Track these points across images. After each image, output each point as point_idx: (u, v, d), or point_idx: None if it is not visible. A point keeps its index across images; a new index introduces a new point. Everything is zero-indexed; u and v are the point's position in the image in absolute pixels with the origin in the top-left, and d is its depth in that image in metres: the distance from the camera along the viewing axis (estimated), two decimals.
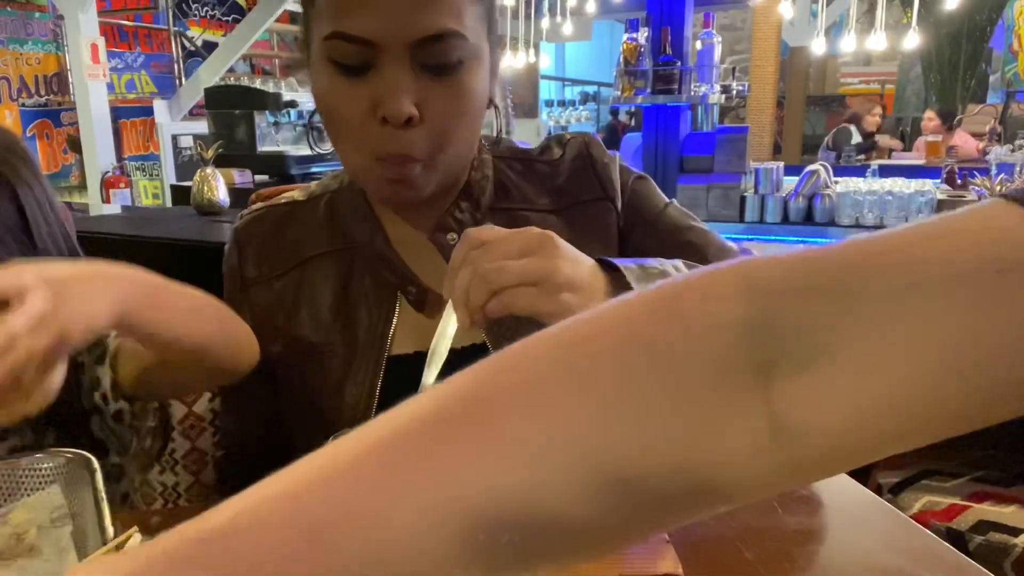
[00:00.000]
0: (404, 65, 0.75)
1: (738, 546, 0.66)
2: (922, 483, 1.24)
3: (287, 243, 0.94)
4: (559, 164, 0.96)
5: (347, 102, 0.77)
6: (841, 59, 10.34)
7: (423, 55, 0.75)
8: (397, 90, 0.74)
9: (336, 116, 0.80)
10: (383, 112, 0.75)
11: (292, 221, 0.95)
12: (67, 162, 6.44)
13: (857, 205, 3.74)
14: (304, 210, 0.96)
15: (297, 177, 3.54)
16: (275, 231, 0.95)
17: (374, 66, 0.75)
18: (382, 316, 0.89)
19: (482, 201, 0.92)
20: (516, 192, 0.94)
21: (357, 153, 0.81)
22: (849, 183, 3.89)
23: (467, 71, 0.78)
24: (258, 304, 0.93)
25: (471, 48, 0.78)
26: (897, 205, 3.68)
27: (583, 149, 0.97)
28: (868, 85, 10.65)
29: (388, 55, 0.74)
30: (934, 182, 3.95)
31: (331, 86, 0.78)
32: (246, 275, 0.93)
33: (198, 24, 6.96)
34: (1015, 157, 4.95)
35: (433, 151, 0.79)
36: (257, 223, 0.96)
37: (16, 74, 6.10)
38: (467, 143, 0.85)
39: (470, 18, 0.77)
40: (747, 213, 3.94)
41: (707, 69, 3.55)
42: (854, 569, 0.62)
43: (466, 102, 0.80)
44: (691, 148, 4.00)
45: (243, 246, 0.95)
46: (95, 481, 0.66)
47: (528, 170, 0.96)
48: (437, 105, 0.77)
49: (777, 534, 0.67)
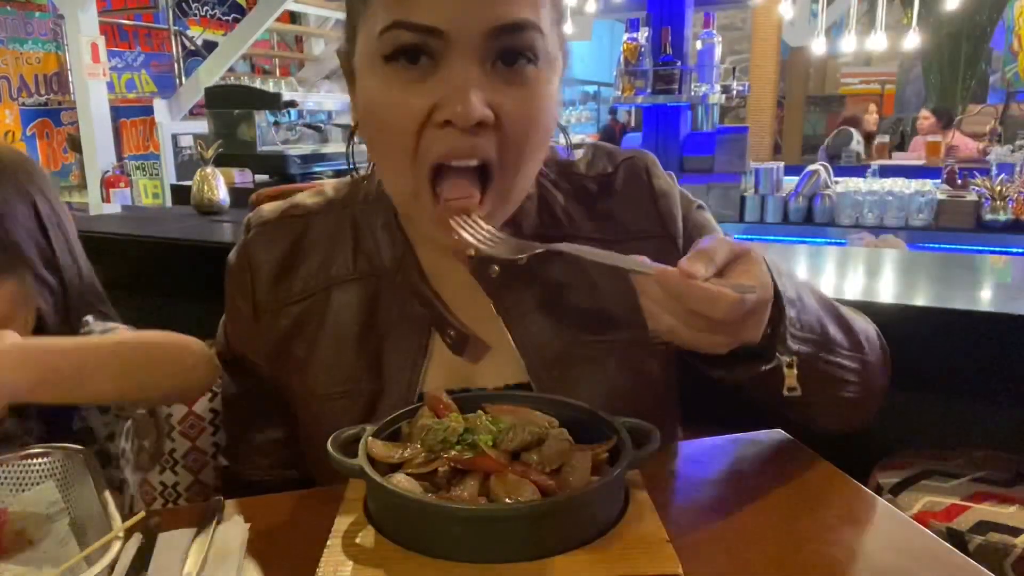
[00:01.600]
0: (474, 60, 0.65)
1: (738, 546, 0.66)
2: (922, 483, 1.24)
3: (305, 265, 0.85)
4: (610, 183, 0.86)
5: (401, 107, 0.67)
6: (841, 59, 10.34)
7: (496, 48, 0.66)
8: (465, 87, 0.64)
9: (384, 121, 0.69)
10: (447, 114, 0.65)
11: (310, 240, 0.86)
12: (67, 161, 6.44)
13: (857, 205, 3.74)
14: (323, 224, 0.86)
15: (297, 177, 3.54)
16: (291, 251, 0.85)
17: (438, 62, 0.66)
18: (412, 355, 0.80)
19: (525, 226, 0.81)
20: (564, 217, 0.84)
21: (408, 167, 0.70)
22: (849, 183, 3.89)
23: (541, 76, 0.69)
24: (273, 330, 0.85)
25: (546, 50, 0.69)
26: (897, 205, 3.68)
27: (642, 175, 0.87)
28: (868, 85, 10.65)
29: (457, 48, 0.65)
30: (934, 182, 3.95)
31: (383, 85, 0.68)
32: (259, 299, 0.85)
33: (198, 23, 6.96)
34: (1015, 157, 4.95)
35: (506, 164, 0.69)
36: (270, 240, 0.86)
37: (16, 73, 6.10)
38: (538, 163, 0.75)
39: (546, 19, 0.69)
40: (747, 213, 3.95)
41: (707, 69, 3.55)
42: (854, 569, 0.62)
43: (541, 109, 0.70)
44: (691, 148, 4.00)
45: (256, 268, 0.85)
46: (93, 472, 0.66)
47: (576, 188, 0.86)
48: (510, 109, 0.67)
49: (777, 534, 0.67)
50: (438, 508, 0.58)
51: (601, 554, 0.58)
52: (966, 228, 3.60)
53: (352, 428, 0.68)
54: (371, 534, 0.61)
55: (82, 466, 0.69)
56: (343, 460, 0.63)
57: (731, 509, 0.73)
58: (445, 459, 0.62)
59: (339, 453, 0.64)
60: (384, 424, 0.69)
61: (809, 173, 3.92)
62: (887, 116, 9.93)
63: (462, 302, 0.82)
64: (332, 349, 0.83)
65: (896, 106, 10.43)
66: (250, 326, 0.87)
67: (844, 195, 3.76)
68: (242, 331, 0.89)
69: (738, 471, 0.82)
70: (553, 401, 0.73)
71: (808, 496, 0.73)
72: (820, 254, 2.31)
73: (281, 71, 7.34)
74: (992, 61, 9.37)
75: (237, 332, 0.90)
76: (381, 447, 0.65)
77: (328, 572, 0.57)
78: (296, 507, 0.75)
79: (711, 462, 0.85)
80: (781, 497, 0.74)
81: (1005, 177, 3.64)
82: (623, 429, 0.66)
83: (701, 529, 0.69)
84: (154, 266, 2.50)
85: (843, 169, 5.03)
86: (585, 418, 0.70)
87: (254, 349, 0.88)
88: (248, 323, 0.87)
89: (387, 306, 0.82)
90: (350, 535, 0.62)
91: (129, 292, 2.38)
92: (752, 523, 0.70)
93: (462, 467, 0.62)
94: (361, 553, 0.59)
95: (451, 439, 0.63)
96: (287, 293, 0.85)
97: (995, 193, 3.51)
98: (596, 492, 0.60)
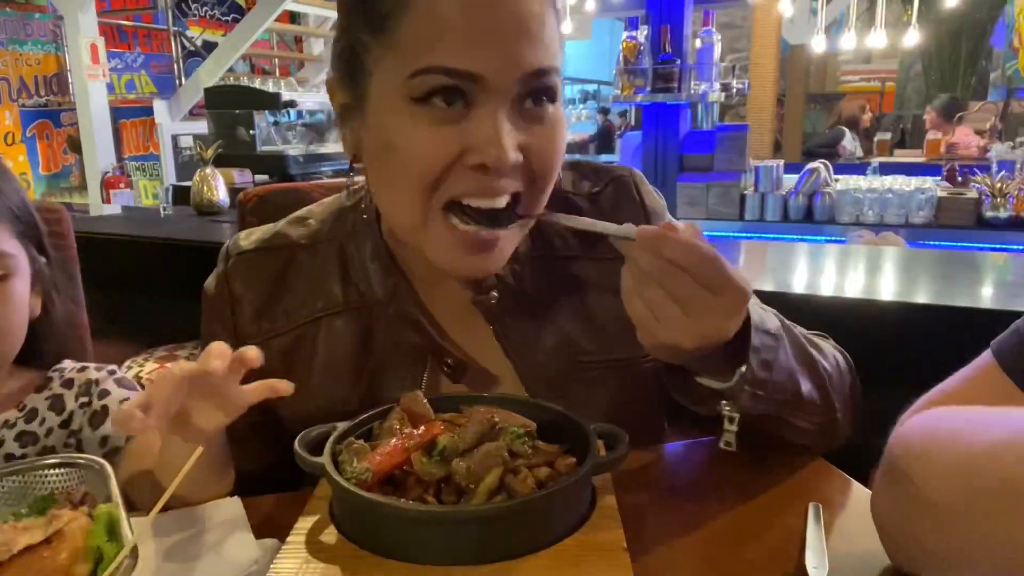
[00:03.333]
0: (505, 103, 0.67)
1: (738, 546, 0.66)
2: None
3: (291, 296, 0.83)
4: (597, 200, 0.88)
5: (429, 149, 0.68)
6: (841, 57, 10.33)
7: (527, 90, 0.68)
8: (501, 134, 0.66)
9: (410, 163, 0.69)
10: (482, 158, 0.67)
11: (295, 271, 0.84)
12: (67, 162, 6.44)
13: (857, 203, 3.74)
14: (309, 257, 0.85)
15: (297, 177, 3.54)
16: (276, 281, 0.84)
17: (470, 105, 0.67)
18: (407, 385, 0.78)
19: (520, 249, 0.81)
20: (554, 236, 0.85)
21: (424, 200, 0.70)
22: (849, 181, 3.89)
23: (559, 112, 0.73)
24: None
25: (560, 85, 0.72)
26: (897, 203, 3.68)
27: (633, 193, 0.89)
28: (868, 83, 10.64)
29: (492, 92, 0.66)
30: (935, 179, 3.95)
31: (410, 128, 0.68)
32: (242, 331, 0.83)
33: (198, 24, 6.96)
34: (1015, 154, 4.95)
35: (531, 196, 0.72)
36: (253, 271, 0.84)
37: (16, 74, 6.10)
38: (550, 190, 0.76)
39: (559, 56, 0.72)
40: (747, 211, 3.94)
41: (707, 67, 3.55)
42: (854, 569, 0.62)
43: (560, 143, 0.73)
44: (691, 146, 4.00)
45: (238, 298, 0.84)
46: (109, 485, 0.66)
47: (566, 207, 0.85)
48: (536, 147, 0.70)
49: (777, 533, 0.67)
50: (388, 507, 0.58)
51: (555, 559, 0.57)
52: (966, 225, 3.60)
53: (322, 427, 0.69)
54: (333, 533, 0.62)
55: (100, 478, 0.69)
56: (307, 457, 0.64)
57: (730, 509, 0.73)
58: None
59: (306, 451, 0.65)
60: (355, 424, 0.70)
61: (809, 171, 3.92)
62: (887, 113, 9.93)
63: (458, 330, 0.83)
64: (325, 382, 0.82)
65: (896, 103, 10.42)
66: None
67: (844, 193, 3.76)
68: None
69: (737, 471, 0.82)
70: (527, 403, 0.73)
71: (808, 496, 0.73)
72: (820, 252, 2.31)
73: (281, 71, 7.34)
74: (992, 58, 9.36)
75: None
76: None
77: (282, 568, 0.58)
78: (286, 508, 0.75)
79: (710, 462, 0.85)
80: (781, 497, 0.74)
81: (1006, 174, 3.64)
82: (593, 434, 0.65)
83: (700, 528, 0.69)
84: (154, 266, 2.50)
85: (843, 167, 5.02)
86: (559, 421, 0.70)
87: None
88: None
89: (381, 337, 0.82)
90: (313, 533, 0.62)
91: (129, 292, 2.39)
92: (752, 522, 0.70)
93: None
94: (318, 551, 0.60)
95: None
96: (271, 325, 0.83)
97: (995, 190, 3.50)
98: (550, 497, 0.59)
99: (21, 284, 0.88)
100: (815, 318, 0.96)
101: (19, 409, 0.91)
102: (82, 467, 0.72)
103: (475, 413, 0.68)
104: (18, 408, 0.91)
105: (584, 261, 0.85)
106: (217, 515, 0.72)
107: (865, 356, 0.84)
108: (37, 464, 0.72)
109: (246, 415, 0.80)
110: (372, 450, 0.64)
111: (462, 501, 0.61)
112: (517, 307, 0.83)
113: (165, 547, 0.67)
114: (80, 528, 0.61)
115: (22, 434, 0.90)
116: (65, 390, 0.93)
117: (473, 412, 0.69)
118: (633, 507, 0.67)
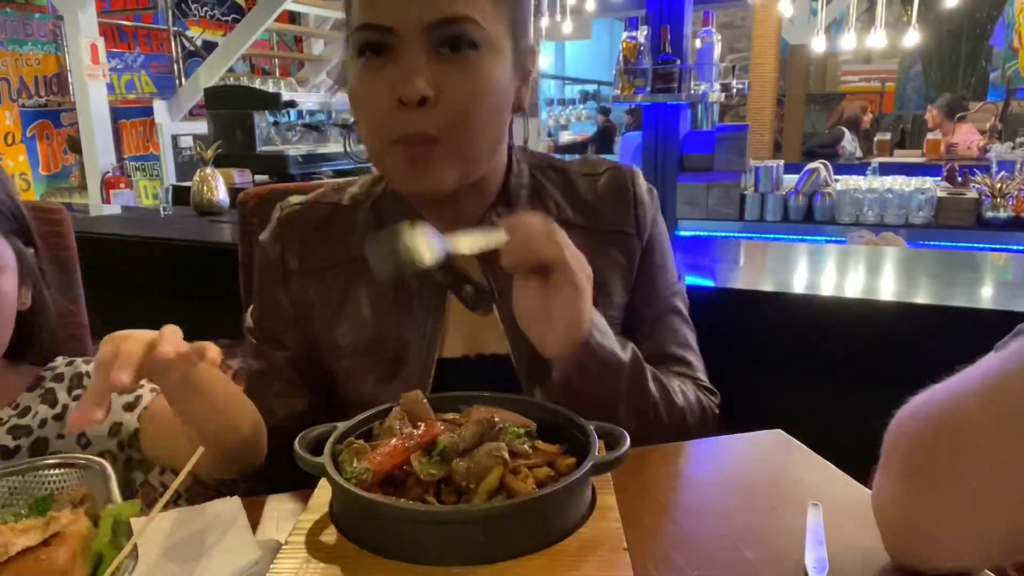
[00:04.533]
0: (420, 49, 0.80)
1: (738, 546, 0.66)
2: None
3: (332, 240, 0.96)
4: (596, 181, 0.99)
5: (370, 88, 0.82)
6: (841, 57, 10.33)
7: (437, 38, 0.80)
8: (412, 72, 0.79)
9: (361, 103, 0.84)
10: (399, 93, 0.79)
11: (336, 221, 0.97)
12: (67, 163, 6.45)
13: (857, 203, 3.74)
14: (348, 213, 0.98)
15: (297, 177, 3.54)
16: (319, 228, 0.97)
17: (394, 52, 0.80)
18: (432, 317, 0.92)
19: (518, 207, 0.94)
20: (551, 201, 0.97)
21: (377, 138, 0.85)
22: (849, 181, 3.89)
23: (483, 57, 0.82)
24: (300, 295, 0.95)
25: (487, 37, 0.82)
26: (897, 203, 3.68)
27: (628, 182, 0.99)
28: (868, 83, 10.63)
29: (406, 40, 0.79)
30: (935, 179, 3.95)
31: (359, 75, 0.83)
32: (289, 267, 0.96)
33: (198, 24, 6.96)
34: (1015, 154, 4.95)
35: (449, 131, 0.82)
36: (300, 218, 0.98)
37: (16, 75, 6.10)
38: (488, 132, 0.86)
39: (488, 11, 0.82)
40: (747, 211, 3.94)
41: (707, 67, 3.55)
42: (854, 569, 0.62)
43: (481, 85, 0.82)
44: (691, 146, 3.99)
45: (286, 239, 0.97)
46: (109, 485, 0.66)
47: (564, 181, 0.99)
48: (452, 86, 0.81)
49: (777, 534, 0.67)
50: (388, 508, 0.58)
51: (555, 559, 0.57)
52: (966, 226, 3.60)
53: (321, 427, 0.69)
54: (333, 533, 0.62)
55: (100, 479, 0.69)
56: (307, 457, 0.64)
57: (731, 509, 0.73)
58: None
59: (307, 452, 0.65)
60: (356, 424, 0.70)
61: (809, 171, 3.92)
62: (887, 113, 9.93)
63: (470, 269, 0.93)
64: (358, 313, 0.93)
65: (896, 103, 10.42)
66: (279, 296, 0.96)
67: (844, 193, 3.76)
68: (270, 304, 0.97)
69: (737, 471, 0.82)
70: (527, 403, 0.73)
71: (808, 496, 0.73)
72: (820, 252, 2.31)
73: (281, 71, 7.35)
74: (992, 58, 9.36)
75: (266, 306, 0.98)
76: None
77: (282, 568, 0.58)
78: (286, 508, 0.75)
79: (711, 462, 0.85)
80: (781, 497, 0.74)
81: (1005, 174, 3.64)
82: (593, 434, 0.65)
83: (701, 528, 0.69)
84: (154, 266, 2.50)
85: (843, 167, 5.02)
86: (559, 421, 0.70)
87: (282, 319, 0.97)
88: (277, 293, 0.96)
89: (409, 277, 0.92)
90: (313, 533, 0.62)
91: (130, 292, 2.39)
92: (752, 523, 0.70)
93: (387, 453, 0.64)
94: (318, 551, 0.60)
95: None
96: (315, 261, 0.95)
97: (995, 190, 3.50)
98: (550, 497, 0.59)
99: (6, 279, 0.88)
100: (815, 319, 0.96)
101: (12, 407, 0.91)
102: (82, 467, 0.72)
103: (475, 413, 0.69)
104: (11, 406, 0.91)
105: (575, 228, 0.93)
106: (217, 515, 0.72)
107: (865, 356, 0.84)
108: (37, 464, 0.72)
109: (283, 349, 0.97)
110: (372, 450, 0.64)
111: (462, 501, 0.61)
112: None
113: (165, 547, 0.67)
114: (79, 530, 0.61)
115: (15, 427, 0.90)
116: (56, 384, 0.94)
117: (473, 412, 0.69)
118: (633, 507, 0.67)
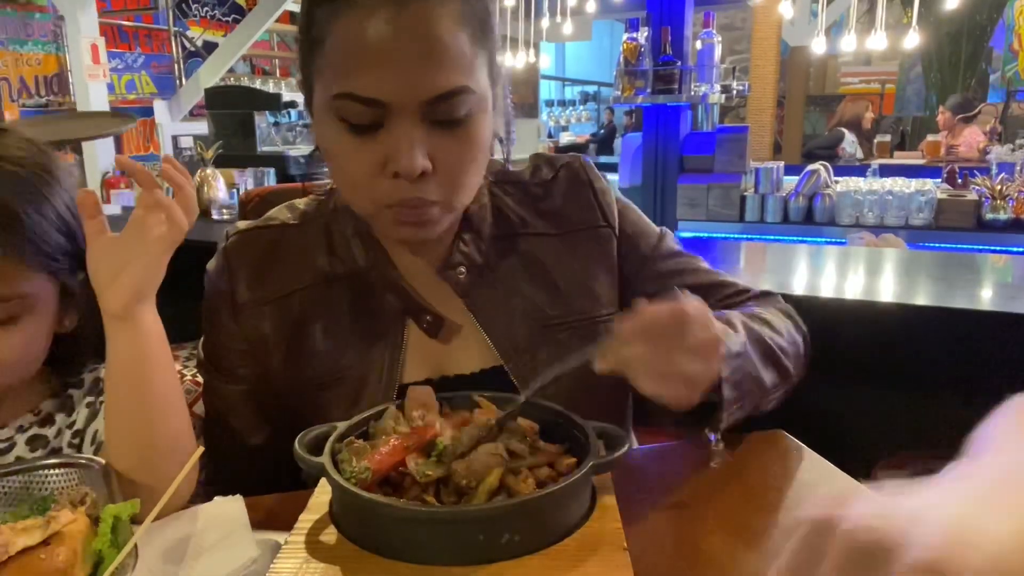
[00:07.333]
0: (415, 122, 0.75)
1: (738, 546, 0.66)
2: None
3: (282, 266, 0.91)
4: (552, 185, 0.97)
5: (357, 159, 0.77)
6: (841, 59, 10.34)
7: (434, 112, 0.75)
8: (410, 147, 0.74)
9: (344, 170, 0.79)
10: (395, 168, 0.75)
11: (286, 244, 0.93)
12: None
13: (857, 205, 3.74)
14: (298, 234, 0.93)
15: (297, 177, 3.54)
16: (268, 254, 0.92)
17: (384, 124, 0.75)
18: (391, 344, 0.88)
19: (484, 230, 0.92)
20: (515, 217, 0.95)
21: (368, 201, 0.80)
22: (849, 183, 3.89)
23: (476, 122, 0.79)
24: (252, 328, 0.90)
25: (479, 100, 0.78)
26: (897, 204, 3.68)
27: (579, 174, 0.97)
28: (868, 85, 10.64)
29: (399, 114, 0.74)
30: (935, 181, 3.95)
31: (339, 142, 0.77)
32: (238, 299, 0.90)
33: (198, 24, 6.96)
34: (1015, 156, 4.95)
35: (447, 196, 0.80)
36: (248, 245, 0.93)
37: (16, 75, 6.10)
38: (477, 184, 0.86)
39: (478, 69, 0.77)
40: (747, 213, 3.94)
41: (707, 69, 3.55)
42: None
43: (475, 149, 0.80)
44: (691, 148, 3.99)
45: (234, 269, 0.91)
46: (109, 485, 0.66)
47: (522, 193, 0.97)
48: (448, 156, 0.77)
49: (777, 534, 0.67)
50: (388, 508, 0.58)
51: (555, 559, 0.57)
52: (966, 227, 3.60)
53: (321, 427, 0.69)
54: (333, 533, 0.62)
55: (99, 479, 0.69)
56: (307, 457, 0.64)
57: (732, 508, 0.73)
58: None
59: (306, 451, 0.65)
60: (354, 424, 0.70)
61: (809, 173, 3.92)
62: (887, 115, 9.94)
63: (433, 296, 0.90)
64: (313, 342, 0.89)
65: (896, 105, 10.43)
66: (230, 328, 0.91)
67: (844, 195, 3.76)
68: (221, 337, 0.92)
69: (738, 471, 0.82)
70: (527, 403, 0.73)
71: (808, 496, 0.73)
72: (820, 254, 2.31)
73: (281, 72, 7.35)
74: (992, 60, 9.36)
75: (216, 339, 0.93)
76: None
77: (282, 568, 0.58)
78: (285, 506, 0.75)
79: (709, 462, 0.85)
80: (781, 497, 0.74)
81: (1005, 176, 3.64)
82: (593, 434, 0.66)
83: (700, 528, 0.69)
84: None
85: (843, 169, 5.02)
86: (559, 421, 0.70)
87: (235, 351, 0.91)
88: (228, 325, 0.91)
89: (365, 302, 0.90)
90: (313, 533, 0.62)
91: None
92: (753, 523, 0.70)
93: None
94: (318, 551, 0.60)
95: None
96: (264, 292, 0.91)
97: (995, 192, 3.50)
98: (550, 497, 0.59)
99: (34, 322, 0.83)
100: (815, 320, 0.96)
101: (35, 414, 0.90)
102: (82, 467, 0.72)
103: (477, 416, 0.69)
104: (33, 413, 0.90)
105: (544, 237, 0.94)
106: (217, 514, 0.72)
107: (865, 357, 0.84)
108: (37, 464, 0.72)
109: (237, 383, 0.91)
110: (372, 450, 0.64)
111: (462, 501, 0.61)
112: (484, 282, 0.91)
113: (165, 547, 0.67)
114: (79, 530, 0.61)
115: (34, 438, 0.88)
116: (75, 391, 0.93)
117: (475, 416, 0.69)
118: (633, 507, 0.67)
